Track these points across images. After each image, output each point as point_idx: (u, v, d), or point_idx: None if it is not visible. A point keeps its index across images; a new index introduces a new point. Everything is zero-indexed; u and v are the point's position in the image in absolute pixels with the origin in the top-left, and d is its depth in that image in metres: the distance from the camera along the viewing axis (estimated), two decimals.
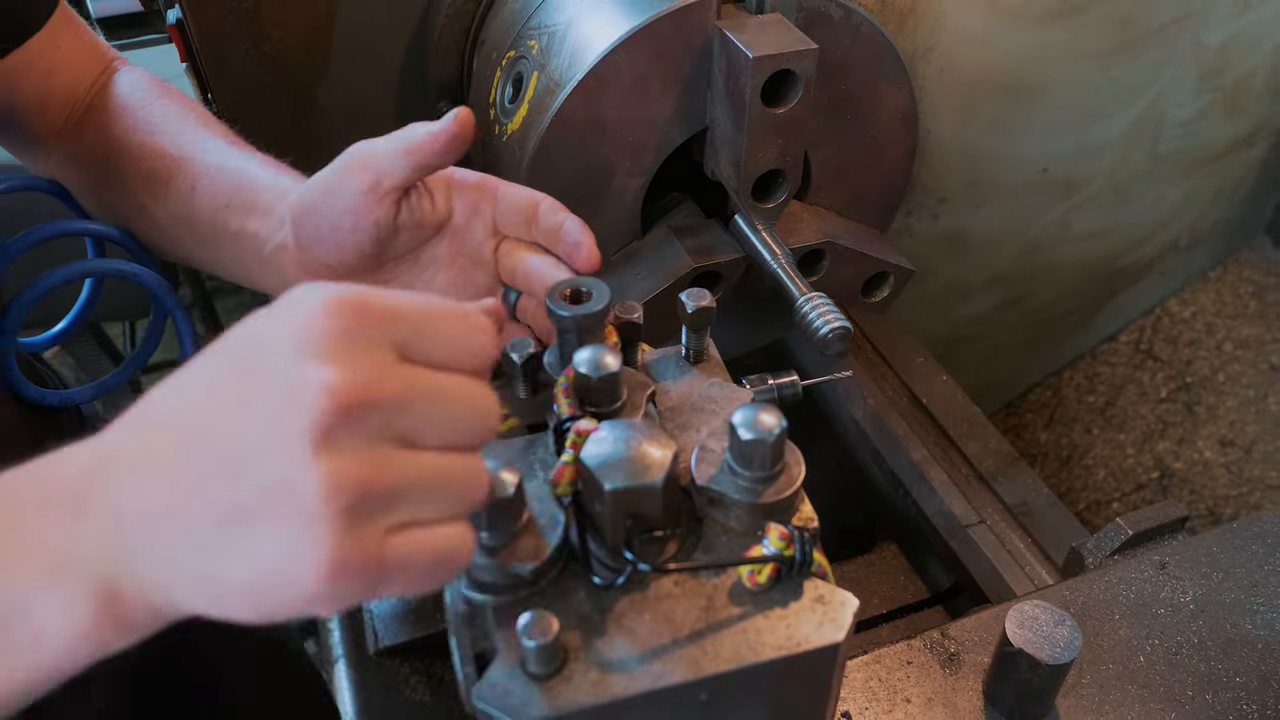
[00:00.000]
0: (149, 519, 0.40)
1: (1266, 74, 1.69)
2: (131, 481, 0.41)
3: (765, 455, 0.51)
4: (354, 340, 0.40)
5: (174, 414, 0.42)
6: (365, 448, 0.39)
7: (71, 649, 0.42)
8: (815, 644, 0.48)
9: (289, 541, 0.38)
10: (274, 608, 0.40)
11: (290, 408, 0.38)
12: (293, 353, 0.39)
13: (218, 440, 0.39)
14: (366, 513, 0.39)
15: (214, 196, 0.74)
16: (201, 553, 0.39)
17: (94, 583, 0.41)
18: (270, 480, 0.38)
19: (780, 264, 0.82)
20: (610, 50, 0.77)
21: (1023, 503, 1.04)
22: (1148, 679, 0.74)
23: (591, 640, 0.48)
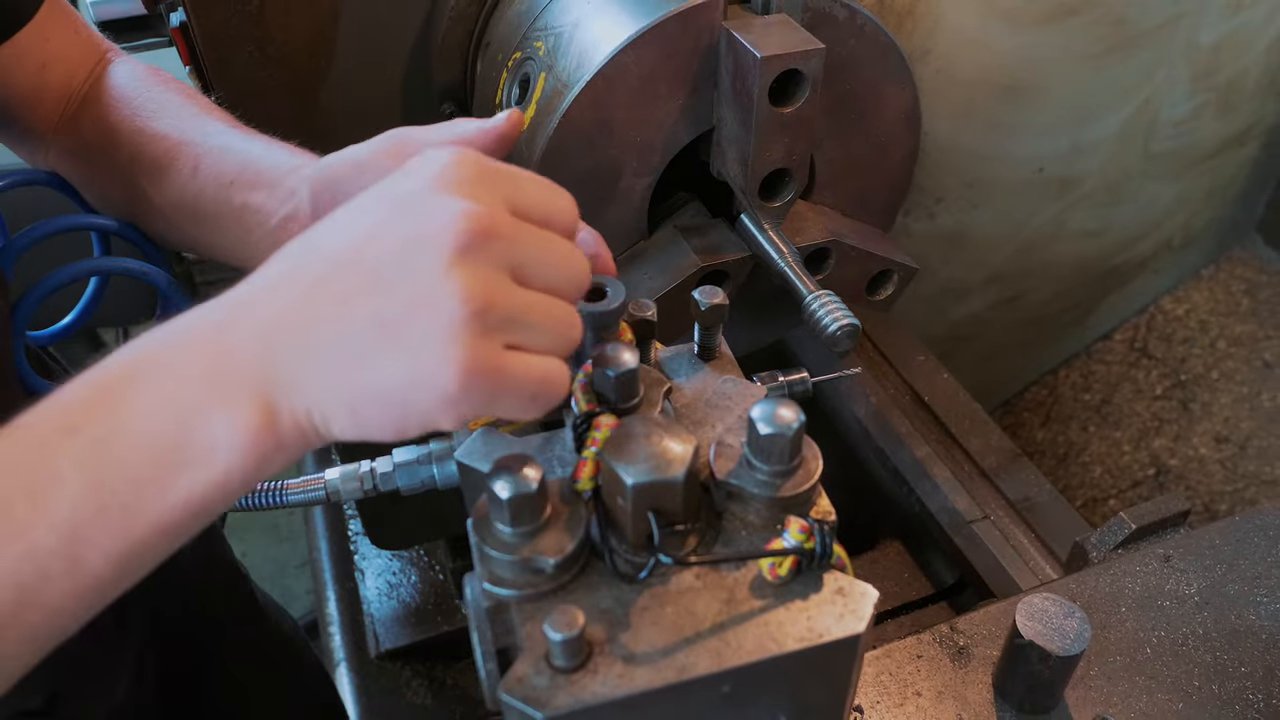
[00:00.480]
0: (296, 332, 0.44)
1: (1258, 74, 1.71)
2: (278, 297, 0.45)
3: (784, 449, 0.51)
4: (479, 184, 0.45)
5: (320, 241, 0.46)
6: (492, 270, 0.44)
7: (240, 463, 0.44)
8: (837, 635, 0.49)
9: (430, 344, 0.42)
10: (410, 416, 0.44)
11: (431, 228, 0.43)
12: (430, 187, 0.44)
13: (363, 257, 0.44)
14: (493, 326, 0.44)
15: (218, 175, 0.73)
16: (348, 362, 0.43)
17: (252, 395, 0.44)
18: (413, 291, 0.42)
19: (788, 262, 0.83)
20: (618, 51, 0.77)
21: (1025, 498, 1.04)
22: (1155, 670, 0.75)
23: (615, 634, 0.49)
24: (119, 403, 0.44)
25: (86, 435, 0.44)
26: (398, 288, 0.43)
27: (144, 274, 0.80)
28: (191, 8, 0.93)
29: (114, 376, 0.46)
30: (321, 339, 0.44)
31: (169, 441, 0.44)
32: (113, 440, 0.44)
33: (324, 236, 0.46)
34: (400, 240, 0.43)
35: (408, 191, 0.45)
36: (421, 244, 0.43)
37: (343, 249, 0.45)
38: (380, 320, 0.43)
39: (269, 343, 0.44)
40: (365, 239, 0.44)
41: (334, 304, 0.44)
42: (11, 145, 0.86)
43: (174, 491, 0.44)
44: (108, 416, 0.44)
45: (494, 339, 0.44)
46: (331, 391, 0.44)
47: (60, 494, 0.43)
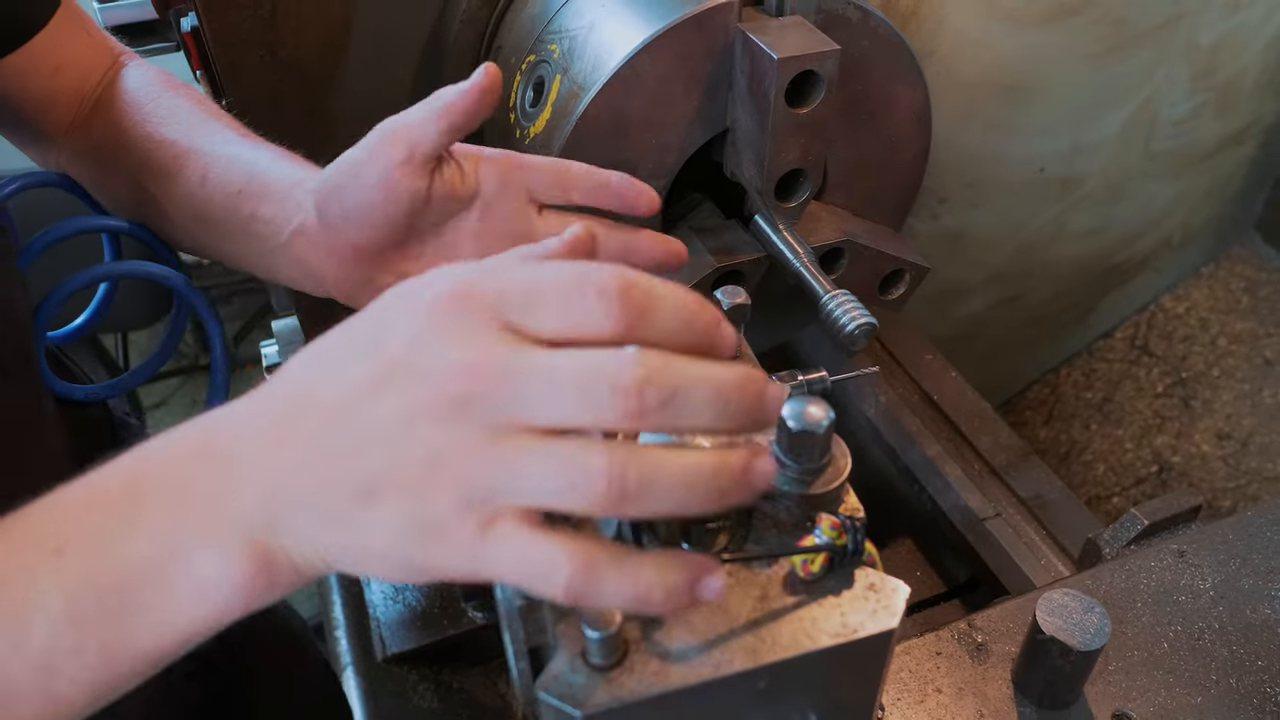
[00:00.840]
0: (293, 490, 0.43)
1: (1257, 73, 1.72)
2: (277, 451, 0.44)
3: (815, 447, 0.52)
4: (466, 329, 0.42)
5: (312, 391, 0.45)
6: (477, 433, 0.41)
7: (228, 602, 0.44)
8: (871, 630, 0.49)
9: (415, 516, 0.41)
10: (411, 572, 0.43)
11: (409, 398, 0.41)
12: (414, 344, 0.42)
13: (351, 421, 0.43)
14: (477, 499, 0.41)
15: (226, 184, 0.73)
16: (343, 524, 0.43)
17: (248, 539, 0.43)
18: (395, 462, 0.41)
19: (803, 262, 0.83)
20: (635, 53, 0.78)
21: (1036, 495, 1.05)
22: (1172, 664, 0.76)
23: (650, 631, 0.49)
24: (112, 527, 0.44)
25: (73, 560, 0.43)
26: (382, 457, 0.41)
27: (164, 278, 0.81)
28: (203, 12, 0.94)
29: (113, 493, 0.45)
30: (317, 498, 0.43)
31: (157, 579, 0.43)
32: (99, 570, 0.43)
33: (323, 380, 0.44)
34: (382, 408, 0.42)
35: (393, 349, 0.42)
36: (402, 413, 0.41)
37: (333, 407, 0.43)
38: (368, 490, 0.42)
39: (267, 494, 0.44)
40: (354, 401, 0.42)
41: (327, 465, 0.43)
42: (24, 147, 0.87)
43: (157, 629, 0.44)
44: (98, 541, 0.43)
45: (475, 515, 0.41)
46: (334, 548, 0.44)
47: (40, 620, 0.42)
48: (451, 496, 0.41)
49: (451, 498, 0.41)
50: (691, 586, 0.42)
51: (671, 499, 0.41)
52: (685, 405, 0.40)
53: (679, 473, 0.41)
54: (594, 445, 0.40)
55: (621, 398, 0.39)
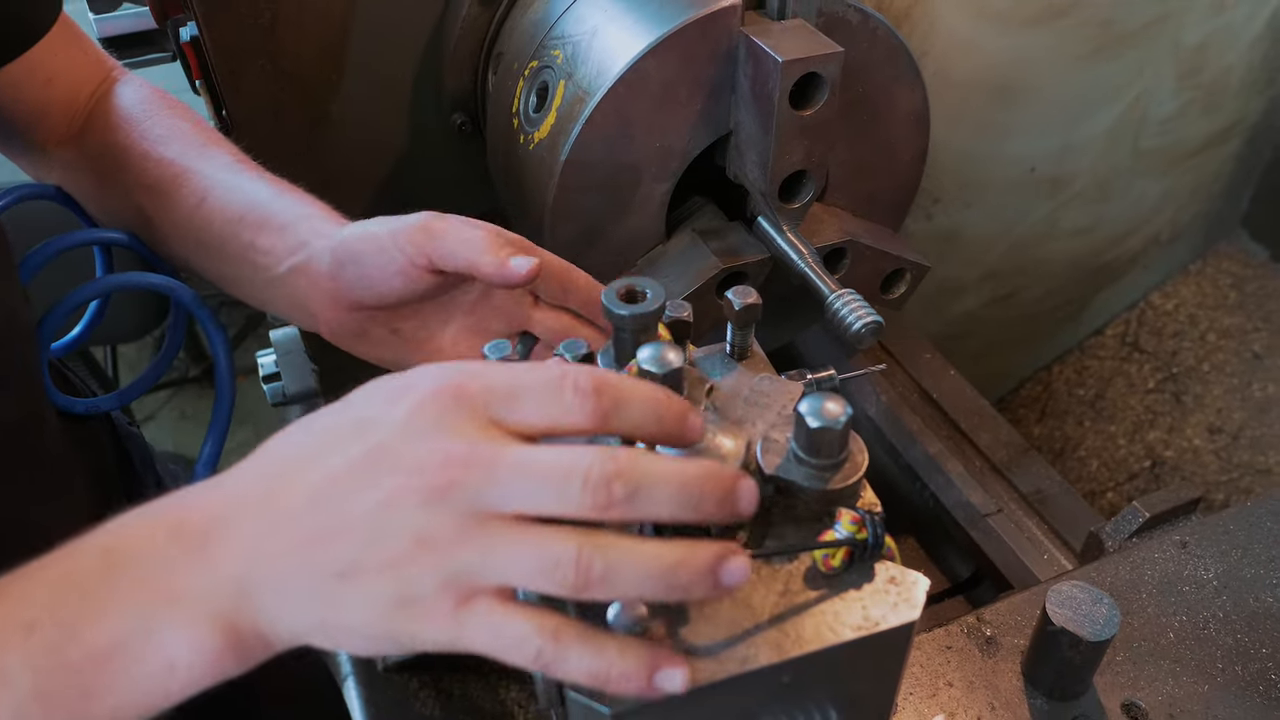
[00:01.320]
0: (270, 569, 0.44)
1: (1242, 71, 1.75)
2: (256, 529, 0.45)
3: (833, 442, 0.52)
4: (453, 422, 0.44)
5: (297, 470, 0.46)
6: (454, 519, 0.43)
7: (196, 677, 0.45)
8: (893, 623, 0.50)
9: (395, 594, 0.43)
10: (388, 644, 0.44)
11: (395, 483, 0.43)
12: (402, 435, 0.44)
13: (333, 504, 0.44)
14: (449, 576, 0.43)
15: (225, 209, 0.74)
16: (321, 602, 0.44)
17: (220, 617, 0.45)
18: (374, 545, 0.43)
19: (808, 263, 0.84)
20: (640, 57, 0.78)
21: (1037, 490, 1.06)
22: (1179, 654, 0.77)
23: (676, 628, 0.50)
24: (83, 605, 0.44)
25: (42, 637, 0.44)
26: (364, 538, 0.43)
27: (170, 289, 0.81)
28: (203, 22, 0.94)
29: (88, 568, 0.46)
30: (296, 578, 0.44)
31: (126, 658, 0.44)
32: (68, 647, 0.44)
33: (304, 467, 0.46)
34: (367, 493, 0.43)
35: (381, 437, 0.45)
36: (382, 502, 0.43)
37: (316, 491, 0.45)
38: (349, 569, 0.43)
39: (243, 573, 0.45)
40: (337, 486, 0.44)
41: (311, 544, 0.44)
42: (14, 158, 0.87)
43: (123, 705, 0.45)
44: (67, 618, 0.44)
45: (454, 593, 0.43)
46: (310, 623, 0.45)
47: (6, 696, 0.43)
48: (432, 576, 0.43)
49: (432, 577, 0.43)
50: (649, 673, 0.44)
51: (634, 588, 0.44)
52: (651, 499, 0.43)
53: (642, 564, 0.43)
54: (564, 536, 0.43)
55: (591, 492, 0.43)
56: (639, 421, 0.47)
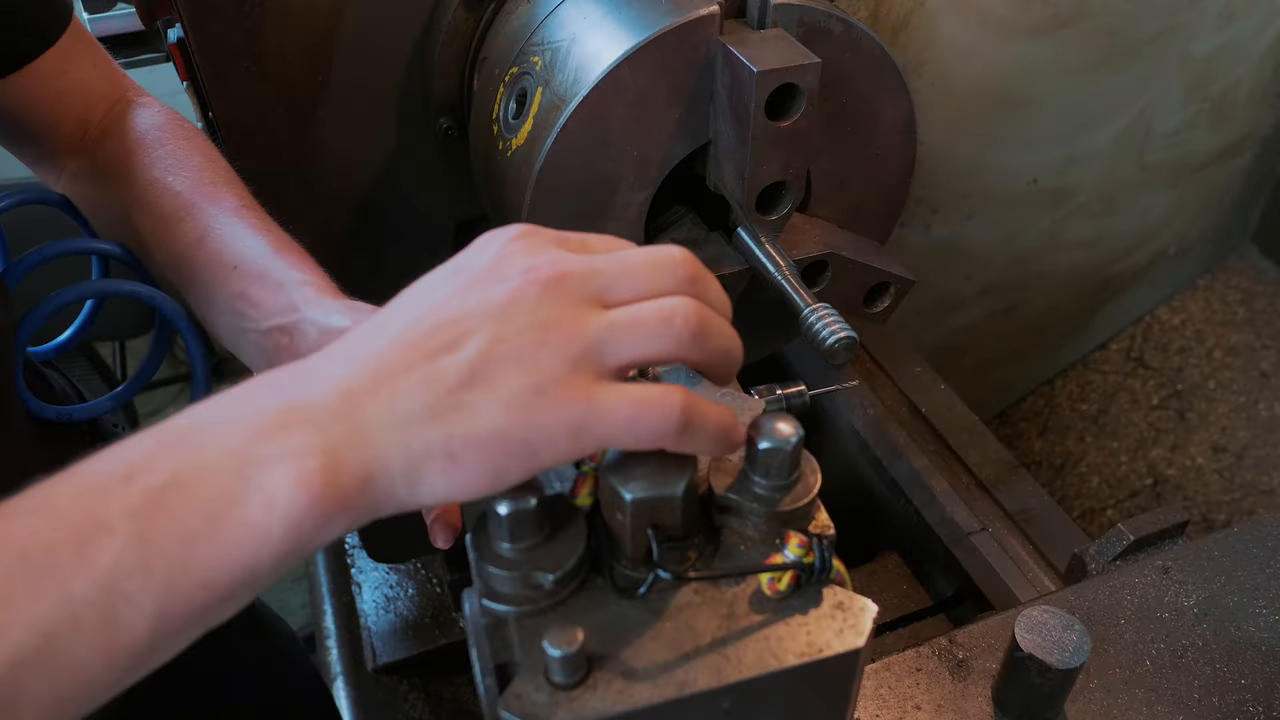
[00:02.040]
0: (382, 393, 0.43)
1: (1251, 84, 1.72)
2: (366, 358, 0.45)
3: (783, 463, 0.51)
4: (541, 243, 0.47)
5: (396, 313, 0.47)
6: (571, 305, 0.45)
7: (297, 523, 0.42)
8: (837, 650, 0.49)
9: (528, 384, 0.43)
10: (521, 450, 0.44)
11: (505, 288, 0.45)
12: (496, 255, 0.47)
13: (445, 321, 0.45)
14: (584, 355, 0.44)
15: (221, 254, 0.73)
16: (446, 416, 0.43)
17: (319, 449, 0.42)
18: (499, 341, 0.44)
19: (784, 275, 0.83)
20: (616, 65, 0.77)
21: (1023, 509, 1.05)
22: (1155, 682, 0.75)
23: (614, 650, 0.49)
24: (178, 454, 0.43)
25: (140, 484, 0.42)
26: (484, 342, 0.44)
27: (150, 298, 0.80)
28: (189, 24, 0.94)
29: (178, 429, 0.44)
30: (410, 392, 0.43)
31: (224, 495, 0.42)
32: (167, 492, 0.42)
33: (399, 309, 0.47)
34: (480, 302, 0.45)
35: (478, 265, 0.47)
36: (501, 303, 0.45)
37: (424, 315, 0.45)
38: (476, 372, 0.43)
39: (349, 397, 0.43)
40: (445, 307, 0.45)
41: (422, 360, 0.44)
42: (28, 164, 0.88)
43: (224, 550, 0.42)
44: (165, 467, 0.42)
45: (586, 372, 0.44)
46: (428, 447, 0.43)
47: (107, 543, 0.41)
48: (563, 357, 0.44)
49: (563, 358, 0.44)
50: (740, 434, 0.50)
51: (725, 334, 0.48)
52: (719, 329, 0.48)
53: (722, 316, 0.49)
54: (669, 297, 0.46)
55: (687, 281, 0.47)
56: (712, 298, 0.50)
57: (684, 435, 0.46)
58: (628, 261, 0.47)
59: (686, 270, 0.48)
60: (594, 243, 0.49)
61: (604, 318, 0.45)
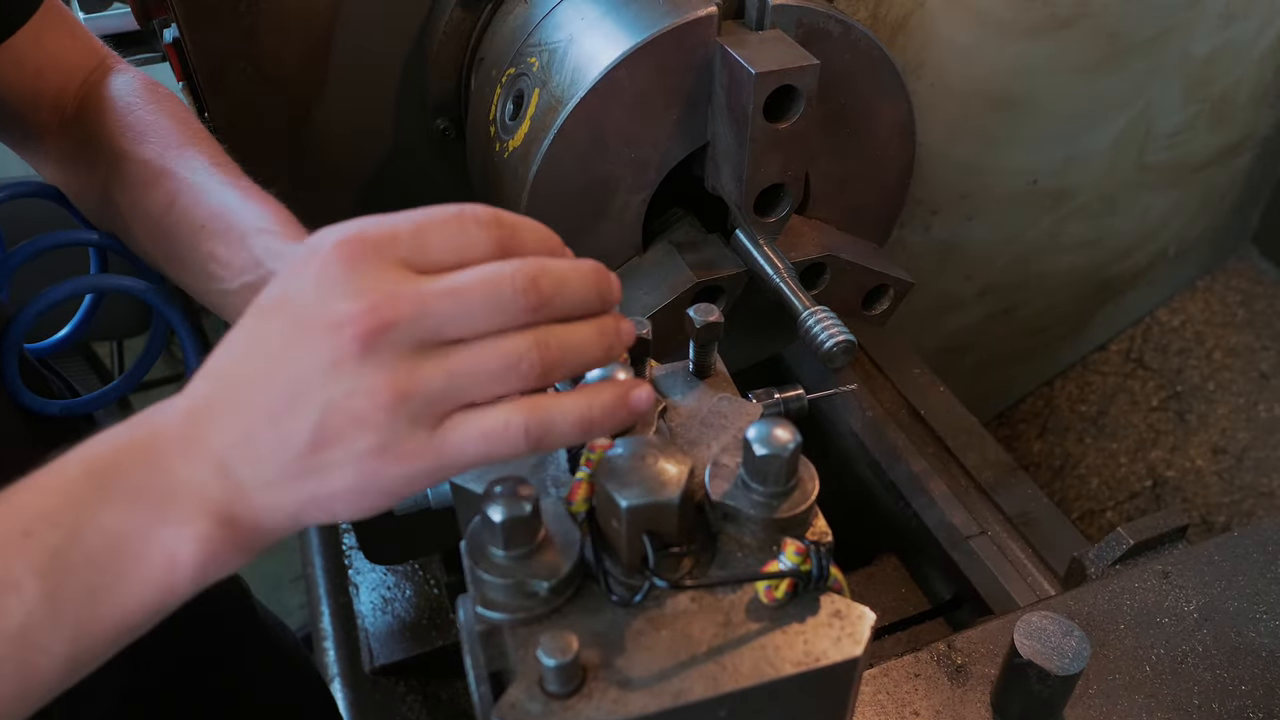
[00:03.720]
0: (249, 449, 0.45)
1: (1252, 84, 1.71)
2: (223, 426, 0.46)
3: (780, 470, 0.51)
4: (364, 271, 0.44)
5: (240, 364, 0.47)
6: (402, 357, 0.44)
7: (200, 572, 0.46)
8: (834, 659, 0.48)
9: (364, 448, 0.44)
10: (379, 497, 0.45)
11: (328, 344, 0.44)
12: (317, 295, 0.44)
13: (279, 381, 0.45)
14: (420, 410, 0.44)
15: (190, 217, 0.72)
16: (303, 475, 0.45)
17: (213, 508, 0.45)
18: (331, 407, 0.44)
19: (782, 278, 0.82)
20: (613, 66, 0.77)
21: (1022, 513, 1.04)
22: (1154, 688, 0.74)
23: (610, 658, 0.48)
24: (77, 510, 0.45)
25: (42, 541, 0.44)
26: (319, 410, 0.44)
27: (140, 291, 0.80)
28: (184, 24, 0.93)
29: (73, 480, 0.46)
30: (273, 459, 0.45)
31: (128, 556, 0.45)
32: (69, 550, 0.44)
33: (247, 353, 0.47)
34: (308, 364, 0.44)
35: (300, 307, 0.45)
36: (327, 364, 0.44)
37: (262, 373, 0.45)
38: (321, 437, 0.44)
39: (223, 467, 0.45)
40: (277, 361, 0.45)
41: (274, 427, 0.45)
42: (16, 149, 0.85)
43: (131, 599, 0.45)
44: (65, 523, 0.45)
45: (427, 423, 0.45)
46: (296, 500, 0.45)
47: (16, 602, 0.43)
48: (401, 416, 0.44)
49: (402, 417, 0.44)
50: (625, 397, 0.47)
51: (590, 353, 0.47)
52: (571, 292, 0.46)
53: (587, 331, 0.47)
54: (517, 333, 0.45)
55: (523, 293, 0.45)
56: (538, 243, 0.48)
57: (541, 446, 0.46)
58: (459, 286, 0.45)
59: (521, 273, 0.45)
60: (428, 242, 0.46)
61: (441, 366, 0.44)
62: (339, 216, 0.73)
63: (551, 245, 0.49)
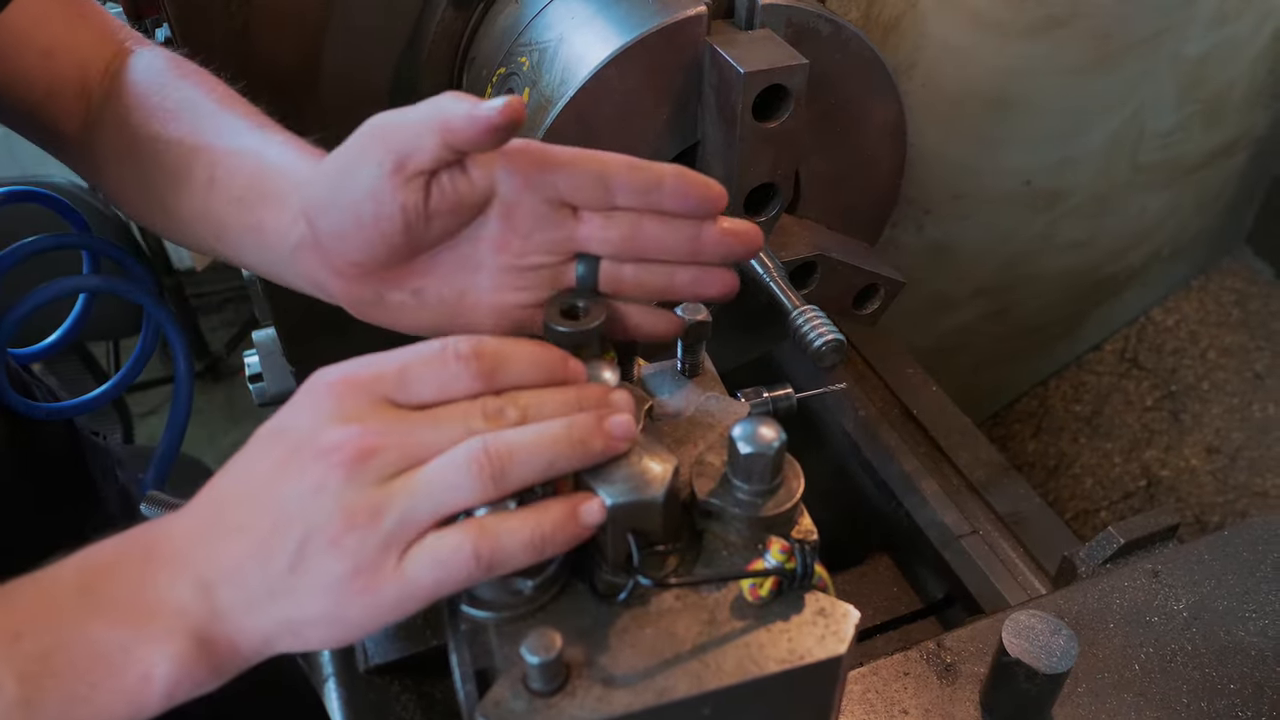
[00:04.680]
0: (227, 577, 0.48)
1: (1245, 85, 1.71)
2: (211, 547, 0.48)
3: (765, 468, 0.51)
4: (353, 405, 0.48)
5: (234, 487, 0.50)
6: (380, 484, 0.47)
7: (174, 690, 0.48)
8: (818, 657, 0.48)
9: (345, 570, 0.46)
10: (349, 627, 0.47)
11: (314, 470, 0.47)
12: (310, 425, 0.48)
13: (268, 504, 0.48)
14: (388, 534, 0.47)
15: (230, 188, 0.66)
16: (281, 599, 0.47)
17: (192, 630, 0.48)
18: (311, 530, 0.46)
19: (772, 277, 0.82)
20: (602, 66, 0.77)
21: (1014, 512, 1.04)
22: (1143, 687, 0.75)
23: (594, 656, 0.48)
24: (64, 618, 0.48)
25: (31, 645, 0.47)
26: (302, 531, 0.47)
27: (128, 292, 0.80)
28: (176, 23, 0.93)
29: (67, 586, 0.49)
30: (252, 579, 0.47)
31: (107, 668, 0.47)
32: (53, 656, 0.47)
33: (242, 478, 0.50)
34: (295, 489, 0.47)
35: (292, 437, 0.49)
36: (311, 489, 0.47)
37: (251, 495, 0.49)
38: (297, 559, 0.47)
39: (205, 585, 0.48)
40: (266, 485, 0.48)
41: (255, 547, 0.47)
42: (46, 148, 0.81)
43: (101, 711, 0.47)
44: (54, 629, 0.47)
45: (396, 547, 0.47)
46: (271, 622, 0.48)
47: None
48: (372, 539, 0.46)
49: (372, 540, 0.46)
50: (573, 514, 0.49)
51: (546, 455, 0.48)
52: (540, 411, 0.50)
53: (543, 431, 0.48)
54: (465, 441, 0.48)
55: (491, 418, 0.48)
56: (522, 374, 0.51)
57: (493, 571, 0.47)
58: (436, 418, 0.48)
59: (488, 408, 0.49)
60: (410, 379, 0.50)
61: (405, 483, 0.47)
62: None
63: (545, 363, 0.51)
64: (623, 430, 0.50)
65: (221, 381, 2.98)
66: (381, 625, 0.47)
